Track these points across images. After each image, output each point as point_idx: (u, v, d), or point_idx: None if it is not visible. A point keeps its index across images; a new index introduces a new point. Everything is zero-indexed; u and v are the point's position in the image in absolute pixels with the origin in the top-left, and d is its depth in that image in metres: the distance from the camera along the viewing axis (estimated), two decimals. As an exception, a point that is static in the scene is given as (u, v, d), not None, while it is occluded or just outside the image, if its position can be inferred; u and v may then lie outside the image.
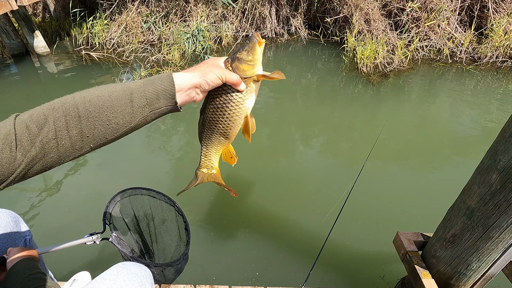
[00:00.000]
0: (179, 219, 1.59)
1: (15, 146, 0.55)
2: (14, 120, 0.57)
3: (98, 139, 0.62)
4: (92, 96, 0.61)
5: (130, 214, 1.58)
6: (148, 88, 0.64)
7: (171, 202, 1.59)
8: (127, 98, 0.62)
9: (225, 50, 5.44)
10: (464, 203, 1.21)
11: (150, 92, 0.64)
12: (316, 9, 5.73)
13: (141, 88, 0.63)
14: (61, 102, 0.60)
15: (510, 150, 1.00)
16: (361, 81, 4.31)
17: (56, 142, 0.58)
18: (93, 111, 0.60)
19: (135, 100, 0.63)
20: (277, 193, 2.57)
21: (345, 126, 3.49)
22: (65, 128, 0.58)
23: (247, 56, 0.69)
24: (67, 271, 1.92)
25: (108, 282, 0.98)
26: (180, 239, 1.62)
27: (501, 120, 3.46)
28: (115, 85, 0.64)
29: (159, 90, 0.64)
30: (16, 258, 0.92)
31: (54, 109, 0.59)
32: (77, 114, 0.59)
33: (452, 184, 1.84)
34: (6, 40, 5.20)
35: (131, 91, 0.63)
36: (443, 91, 4.09)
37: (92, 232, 1.41)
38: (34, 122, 0.57)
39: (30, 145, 0.56)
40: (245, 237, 2.20)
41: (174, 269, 1.47)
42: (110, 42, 5.50)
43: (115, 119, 0.61)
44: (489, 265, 1.24)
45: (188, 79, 0.66)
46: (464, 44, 4.82)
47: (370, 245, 2.11)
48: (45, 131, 0.57)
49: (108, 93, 0.62)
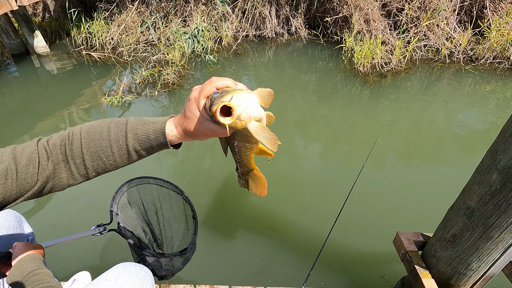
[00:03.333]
0: (187, 207, 1.59)
1: (38, 164, 0.64)
2: (37, 142, 0.67)
3: (99, 171, 0.69)
4: (94, 135, 0.67)
5: (138, 203, 1.57)
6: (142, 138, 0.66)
7: (179, 190, 1.58)
8: (124, 149, 0.67)
9: (225, 50, 5.44)
10: (464, 203, 1.21)
11: (143, 142, 0.66)
12: (316, 9, 5.73)
13: (136, 140, 0.67)
14: (71, 132, 0.68)
15: (510, 150, 1.00)
16: (358, 81, 4.31)
17: (65, 165, 0.67)
18: (93, 147, 0.66)
19: (130, 146, 0.67)
20: (277, 193, 2.57)
21: (344, 126, 3.49)
22: (71, 157, 0.66)
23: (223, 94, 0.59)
24: (67, 271, 1.92)
25: (109, 283, 0.98)
26: (188, 228, 1.61)
27: (501, 120, 3.46)
28: (114, 129, 0.67)
29: (154, 145, 0.67)
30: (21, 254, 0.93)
31: (65, 137, 0.67)
32: (80, 146, 0.66)
33: (452, 184, 1.84)
34: (6, 40, 5.20)
35: (127, 145, 0.67)
36: (442, 91, 4.09)
37: (99, 223, 1.40)
38: (50, 146, 0.67)
39: (46, 165, 0.65)
40: (245, 237, 2.20)
41: (183, 258, 1.47)
42: (110, 42, 5.50)
43: (113, 158, 0.67)
44: (489, 265, 1.24)
45: (179, 130, 0.66)
46: (462, 44, 4.82)
47: (370, 245, 2.12)
48: (55, 154, 0.66)
49: (109, 141, 0.66)
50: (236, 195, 2.54)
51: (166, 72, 4.39)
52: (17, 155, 0.63)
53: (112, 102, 3.88)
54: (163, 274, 1.46)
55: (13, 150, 0.64)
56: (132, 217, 1.54)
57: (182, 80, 4.45)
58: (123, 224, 1.40)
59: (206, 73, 4.70)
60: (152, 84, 4.34)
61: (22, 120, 3.69)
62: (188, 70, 4.70)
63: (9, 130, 3.48)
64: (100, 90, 4.34)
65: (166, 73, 4.38)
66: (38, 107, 4.00)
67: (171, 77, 4.36)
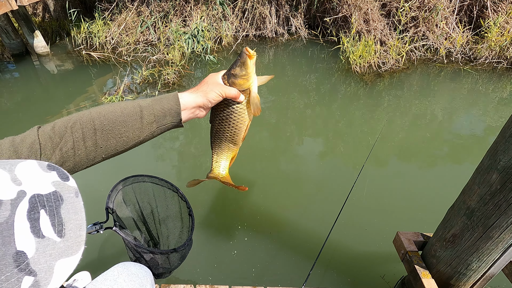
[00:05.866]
0: (183, 205, 1.59)
1: (40, 154, 0.61)
2: (37, 131, 0.64)
3: (109, 151, 0.69)
4: (106, 111, 0.68)
5: (133, 201, 1.56)
6: (156, 106, 0.71)
7: (174, 188, 1.58)
8: (138, 114, 0.70)
9: (225, 50, 5.44)
10: (464, 203, 1.21)
11: (158, 110, 0.71)
12: (316, 9, 5.73)
13: (150, 106, 0.71)
14: (79, 116, 0.67)
15: (510, 150, 1.00)
16: (354, 81, 4.31)
17: (73, 152, 0.65)
18: (107, 125, 0.67)
19: (145, 117, 0.70)
20: (277, 193, 2.57)
21: (343, 126, 3.49)
22: (82, 139, 0.65)
23: (241, 71, 0.75)
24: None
25: (109, 282, 0.98)
26: (184, 225, 1.61)
27: (500, 120, 3.46)
28: (127, 102, 0.71)
29: (166, 108, 0.72)
30: None
31: (73, 122, 0.66)
32: (93, 127, 0.66)
33: (452, 184, 1.84)
34: (6, 40, 5.20)
35: (141, 108, 0.70)
36: (441, 91, 4.09)
37: (95, 222, 1.40)
38: (56, 133, 0.64)
39: (51, 154, 0.62)
40: (245, 237, 2.20)
41: (179, 254, 1.46)
42: (110, 42, 5.49)
43: (126, 133, 0.69)
44: (489, 265, 1.24)
45: (192, 99, 0.73)
46: (457, 44, 4.81)
47: (370, 245, 2.12)
48: (64, 141, 0.64)
49: (121, 109, 0.69)
50: (236, 195, 2.54)
51: (166, 72, 4.39)
52: (17, 147, 0.60)
53: (112, 101, 3.88)
54: (160, 272, 1.46)
55: (12, 141, 0.61)
56: (128, 215, 1.54)
57: (182, 80, 4.45)
58: (119, 222, 1.40)
59: (206, 73, 4.70)
60: (152, 84, 4.34)
61: (22, 120, 3.69)
62: (188, 70, 4.70)
63: (9, 130, 3.48)
64: (100, 90, 4.34)
65: (166, 73, 4.38)
66: (38, 107, 3.99)
67: (171, 77, 4.36)
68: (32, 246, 0.32)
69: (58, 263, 0.33)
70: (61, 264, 0.34)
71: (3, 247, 0.30)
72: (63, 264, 0.34)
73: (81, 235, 0.38)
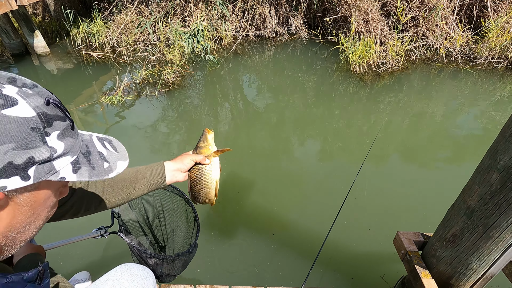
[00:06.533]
0: (189, 210, 1.59)
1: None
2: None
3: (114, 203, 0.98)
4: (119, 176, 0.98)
5: (139, 206, 1.58)
6: (148, 169, 1.01)
7: (181, 193, 1.59)
8: (134, 175, 0.99)
9: (225, 50, 5.44)
10: (464, 202, 1.21)
11: (149, 170, 1.01)
12: (316, 8, 5.73)
13: (143, 169, 1.01)
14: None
15: (510, 150, 1.01)
16: (353, 81, 4.32)
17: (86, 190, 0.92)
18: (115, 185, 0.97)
19: (139, 178, 1.00)
20: (276, 193, 2.58)
21: (343, 126, 3.49)
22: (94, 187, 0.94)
23: (203, 143, 1.04)
24: (67, 271, 1.92)
25: (111, 283, 0.98)
26: (188, 231, 1.62)
27: (500, 119, 3.47)
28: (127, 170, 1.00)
29: (155, 170, 1.01)
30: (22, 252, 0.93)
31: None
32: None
33: (452, 184, 1.84)
34: (6, 40, 5.19)
35: (138, 170, 1.00)
36: (440, 91, 4.09)
37: (100, 226, 1.41)
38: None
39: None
40: (245, 237, 2.21)
41: (184, 260, 1.47)
42: (110, 42, 5.49)
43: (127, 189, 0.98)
44: (489, 265, 1.24)
45: (172, 164, 1.02)
46: (457, 44, 4.81)
47: (370, 245, 2.12)
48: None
49: (122, 175, 0.98)
50: (236, 195, 2.55)
51: (166, 72, 4.39)
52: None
53: (112, 101, 3.88)
54: (164, 276, 1.46)
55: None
56: (133, 220, 1.55)
57: (182, 79, 4.45)
58: (124, 227, 1.41)
59: (206, 73, 4.71)
60: (152, 83, 4.34)
61: (22, 120, 3.68)
62: (188, 70, 4.70)
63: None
64: (100, 90, 4.34)
65: (166, 73, 4.38)
66: (38, 107, 3.98)
67: (171, 77, 4.36)
68: (104, 151, 0.59)
69: (118, 162, 0.61)
70: (119, 163, 0.61)
71: (92, 148, 0.57)
72: (120, 163, 0.61)
73: (126, 152, 0.66)
